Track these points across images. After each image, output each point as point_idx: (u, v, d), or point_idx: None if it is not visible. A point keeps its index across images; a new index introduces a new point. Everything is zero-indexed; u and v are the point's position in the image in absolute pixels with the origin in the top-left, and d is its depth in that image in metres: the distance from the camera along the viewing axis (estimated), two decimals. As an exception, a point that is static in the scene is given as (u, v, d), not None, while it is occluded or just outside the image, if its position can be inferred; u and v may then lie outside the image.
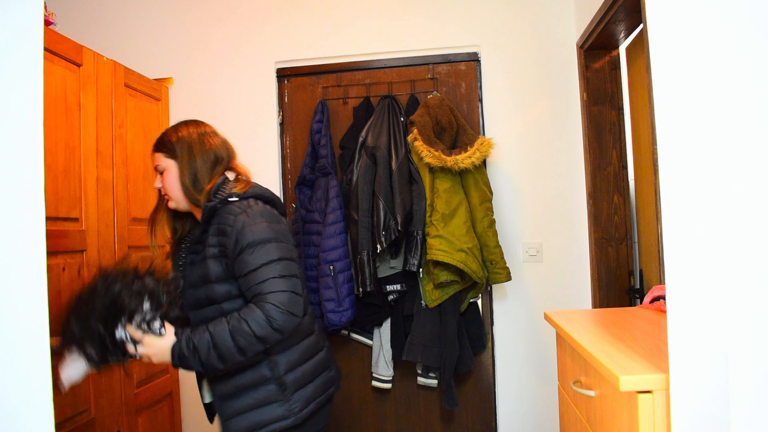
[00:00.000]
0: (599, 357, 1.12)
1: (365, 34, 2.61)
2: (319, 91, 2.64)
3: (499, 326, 2.52)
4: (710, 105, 0.87)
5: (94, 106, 2.03)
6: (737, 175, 0.86)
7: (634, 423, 1.01)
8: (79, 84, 1.95)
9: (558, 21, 2.51)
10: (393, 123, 2.39)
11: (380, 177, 2.29)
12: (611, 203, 2.38)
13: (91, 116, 2.01)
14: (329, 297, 2.30)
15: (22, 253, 0.71)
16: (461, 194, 2.31)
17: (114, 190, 2.14)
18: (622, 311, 1.62)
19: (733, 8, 0.86)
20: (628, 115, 2.37)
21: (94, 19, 2.72)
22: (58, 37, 1.86)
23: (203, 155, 1.46)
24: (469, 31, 2.55)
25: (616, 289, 2.35)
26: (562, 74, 2.50)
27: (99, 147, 2.05)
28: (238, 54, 2.65)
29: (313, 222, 2.40)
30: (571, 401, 1.48)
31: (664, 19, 0.91)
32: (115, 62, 2.18)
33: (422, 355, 2.31)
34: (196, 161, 1.45)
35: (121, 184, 2.18)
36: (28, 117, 0.72)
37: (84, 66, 1.98)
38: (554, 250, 2.49)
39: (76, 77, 1.94)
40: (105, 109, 2.10)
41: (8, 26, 0.70)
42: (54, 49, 1.82)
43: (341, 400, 2.60)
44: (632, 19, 2.04)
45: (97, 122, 2.04)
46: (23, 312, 0.71)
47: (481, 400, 2.54)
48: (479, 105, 2.56)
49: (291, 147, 2.67)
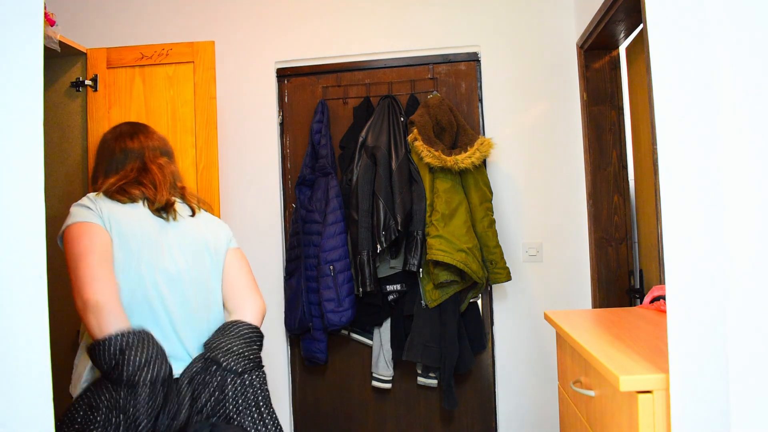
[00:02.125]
0: (599, 357, 1.12)
1: (365, 34, 2.61)
2: (319, 91, 2.64)
3: (499, 326, 2.52)
4: (710, 105, 0.87)
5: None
6: (737, 174, 0.86)
7: (634, 423, 1.01)
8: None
9: (558, 21, 2.51)
10: (393, 123, 2.39)
11: (380, 177, 2.29)
12: (611, 203, 2.38)
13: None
14: (329, 297, 2.30)
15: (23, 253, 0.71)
16: (461, 194, 2.31)
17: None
18: (622, 311, 1.62)
19: (733, 8, 0.85)
20: (628, 115, 2.37)
21: (94, 20, 2.72)
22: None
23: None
24: (469, 31, 2.55)
25: (616, 289, 2.35)
26: (562, 74, 2.50)
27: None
28: (238, 54, 2.65)
29: (313, 222, 2.41)
30: (571, 401, 1.48)
31: (664, 19, 0.91)
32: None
33: (422, 355, 2.31)
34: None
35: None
36: (28, 117, 0.72)
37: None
38: (554, 250, 2.49)
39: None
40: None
41: (8, 26, 0.70)
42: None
43: (341, 399, 2.61)
44: (632, 19, 2.04)
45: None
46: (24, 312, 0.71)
47: (481, 400, 2.54)
48: (479, 105, 2.56)
49: (291, 147, 2.67)
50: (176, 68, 2.09)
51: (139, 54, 2.09)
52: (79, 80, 2.07)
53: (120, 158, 1.51)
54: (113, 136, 1.56)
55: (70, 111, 2.09)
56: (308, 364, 2.53)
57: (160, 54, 2.08)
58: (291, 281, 2.50)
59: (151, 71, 2.10)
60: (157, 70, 2.10)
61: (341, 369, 2.61)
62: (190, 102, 2.08)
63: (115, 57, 2.10)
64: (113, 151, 1.53)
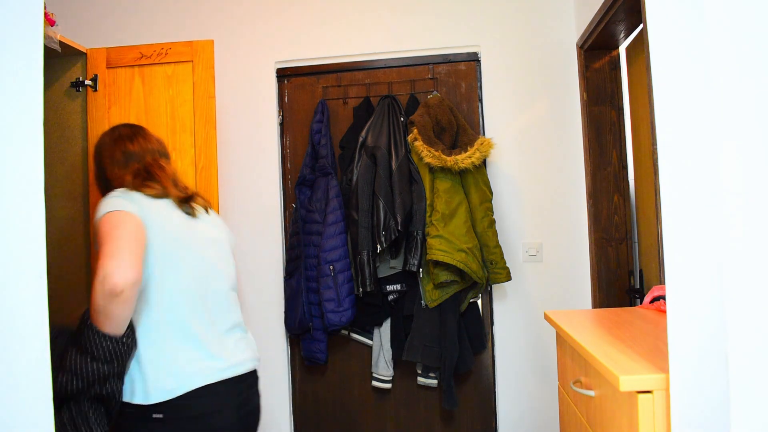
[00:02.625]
0: (599, 357, 1.12)
1: (365, 34, 2.61)
2: (319, 91, 2.64)
3: (499, 326, 2.52)
4: (710, 105, 0.87)
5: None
6: (737, 174, 0.86)
7: (634, 423, 1.01)
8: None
9: (558, 21, 2.51)
10: (393, 123, 2.39)
11: (380, 177, 2.29)
12: (611, 203, 2.38)
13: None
14: (329, 297, 2.30)
15: (23, 253, 0.70)
16: (461, 194, 2.31)
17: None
18: (622, 311, 1.62)
19: (733, 8, 0.85)
20: (628, 115, 2.37)
21: (94, 20, 2.72)
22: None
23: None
24: (469, 31, 2.55)
25: (616, 289, 2.35)
26: (562, 74, 2.50)
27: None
28: (238, 54, 2.65)
29: (313, 222, 2.41)
30: (571, 401, 1.48)
31: (664, 19, 0.91)
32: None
33: (422, 355, 2.31)
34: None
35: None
36: (28, 117, 0.72)
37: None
38: (554, 250, 2.49)
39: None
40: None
41: (8, 26, 0.70)
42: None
43: (341, 400, 2.61)
44: (632, 19, 2.04)
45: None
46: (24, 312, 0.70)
47: (481, 400, 2.54)
48: (479, 105, 2.56)
49: (291, 147, 2.67)
50: (175, 67, 2.09)
51: (139, 53, 2.09)
52: (79, 80, 2.07)
53: (121, 161, 1.52)
54: (112, 139, 1.57)
55: (70, 111, 2.09)
56: (308, 364, 2.54)
57: (159, 53, 2.08)
58: (291, 281, 2.50)
59: (151, 71, 2.09)
60: (156, 69, 2.09)
61: (341, 369, 2.61)
62: (189, 101, 2.08)
63: (114, 57, 2.10)
64: (113, 153, 1.53)
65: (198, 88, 2.08)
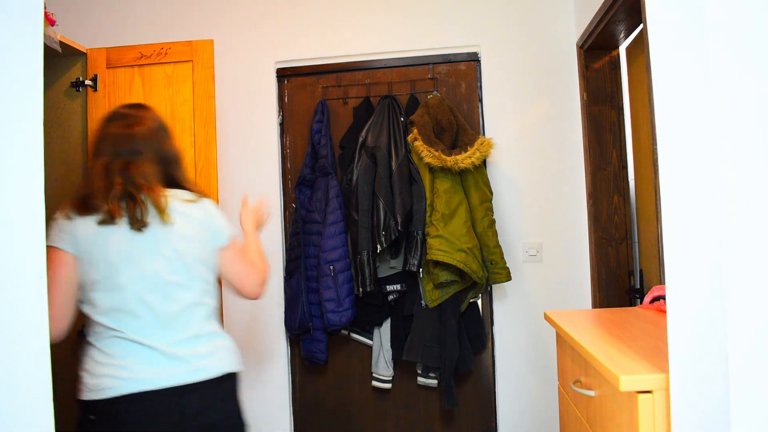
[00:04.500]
0: (599, 357, 1.12)
1: (365, 34, 2.61)
2: (319, 91, 2.64)
3: (499, 326, 2.52)
4: (710, 105, 0.87)
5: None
6: (737, 174, 0.86)
7: (634, 423, 1.01)
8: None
9: (558, 21, 2.51)
10: (393, 123, 2.39)
11: (380, 177, 2.29)
12: (611, 203, 2.38)
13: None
14: (329, 297, 2.30)
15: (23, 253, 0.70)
16: (461, 194, 2.31)
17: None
18: (622, 311, 1.62)
19: (733, 8, 0.85)
20: (628, 115, 2.37)
21: (94, 20, 2.72)
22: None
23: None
24: (469, 31, 2.55)
25: (616, 289, 2.35)
26: (562, 74, 2.50)
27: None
28: (238, 54, 2.65)
29: (313, 222, 2.41)
30: (571, 401, 1.48)
31: (664, 19, 0.91)
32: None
33: (422, 355, 2.31)
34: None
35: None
36: (28, 117, 0.72)
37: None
38: (554, 250, 2.49)
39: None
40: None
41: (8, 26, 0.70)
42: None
43: (341, 400, 2.61)
44: (632, 19, 2.04)
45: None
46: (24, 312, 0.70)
47: (481, 400, 2.54)
48: (479, 105, 2.56)
49: (291, 147, 2.67)
50: (175, 67, 2.09)
51: (139, 53, 2.09)
52: (79, 80, 2.07)
53: (92, 150, 1.47)
54: (99, 123, 1.50)
55: (70, 111, 2.09)
56: (308, 364, 2.53)
57: (159, 53, 2.08)
58: (291, 281, 2.50)
59: (150, 71, 2.09)
60: (155, 69, 2.09)
61: (341, 369, 2.61)
62: (189, 101, 2.08)
63: (114, 57, 2.10)
64: (92, 139, 1.48)
65: (198, 88, 2.08)
